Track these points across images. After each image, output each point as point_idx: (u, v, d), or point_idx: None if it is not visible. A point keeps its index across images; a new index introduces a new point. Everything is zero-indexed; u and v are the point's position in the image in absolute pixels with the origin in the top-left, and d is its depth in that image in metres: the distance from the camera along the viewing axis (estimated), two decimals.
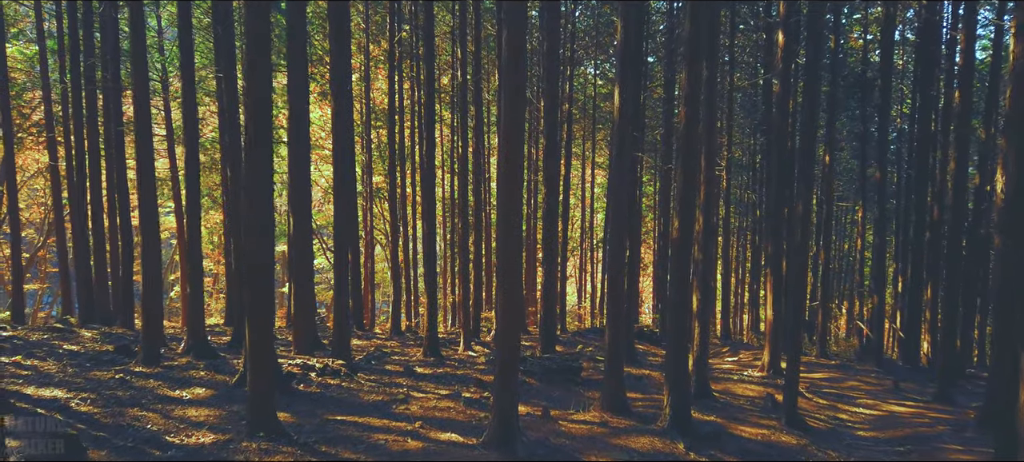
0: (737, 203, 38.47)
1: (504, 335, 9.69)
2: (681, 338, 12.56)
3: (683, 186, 11.89)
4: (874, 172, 32.96)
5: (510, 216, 9.71)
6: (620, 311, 13.53)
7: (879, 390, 19.51)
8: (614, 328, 13.40)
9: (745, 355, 25.05)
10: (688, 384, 13.06)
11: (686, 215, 11.97)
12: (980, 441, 13.41)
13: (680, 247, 12.16)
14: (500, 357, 9.72)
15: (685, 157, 11.94)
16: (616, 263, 13.19)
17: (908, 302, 24.58)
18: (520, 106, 9.32)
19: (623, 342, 13.77)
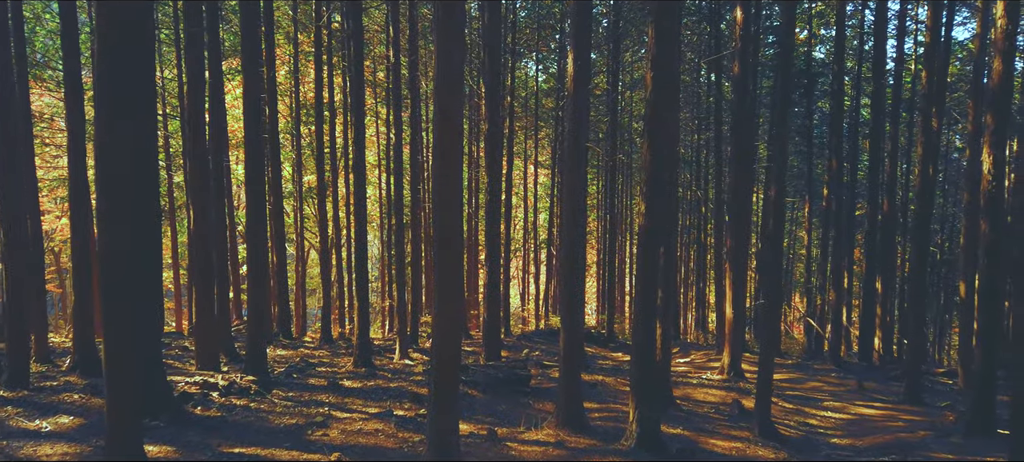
0: (681, 200, 37.06)
1: (442, 348, 7.51)
2: (648, 345, 10.60)
3: (652, 165, 9.92)
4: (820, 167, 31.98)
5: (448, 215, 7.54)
6: (577, 315, 11.50)
7: (843, 391, 17.99)
8: (570, 334, 11.36)
9: (697, 355, 23.38)
10: (656, 397, 11.10)
11: (655, 200, 10.01)
12: (972, 449, 11.83)
13: (648, 237, 10.18)
14: (436, 377, 7.54)
15: (652, 130, 9.97)
16: (571, 262, 11.15)
17: (863, 299, 23.34)
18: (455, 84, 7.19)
19: (578, 350, 11.70)
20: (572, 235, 10.88)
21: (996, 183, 12.17)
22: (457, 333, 7.68)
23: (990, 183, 12.17)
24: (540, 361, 20.82)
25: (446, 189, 7.31)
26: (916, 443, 12.53)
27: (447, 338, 7.49)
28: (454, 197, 7.40)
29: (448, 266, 7.36)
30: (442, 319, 7.53)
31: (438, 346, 7.56)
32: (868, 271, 23.53)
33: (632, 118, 33.41)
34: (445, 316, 7.45)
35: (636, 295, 10.59)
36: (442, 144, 7.18)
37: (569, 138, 10.83)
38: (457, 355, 7.72)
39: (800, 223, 35.13)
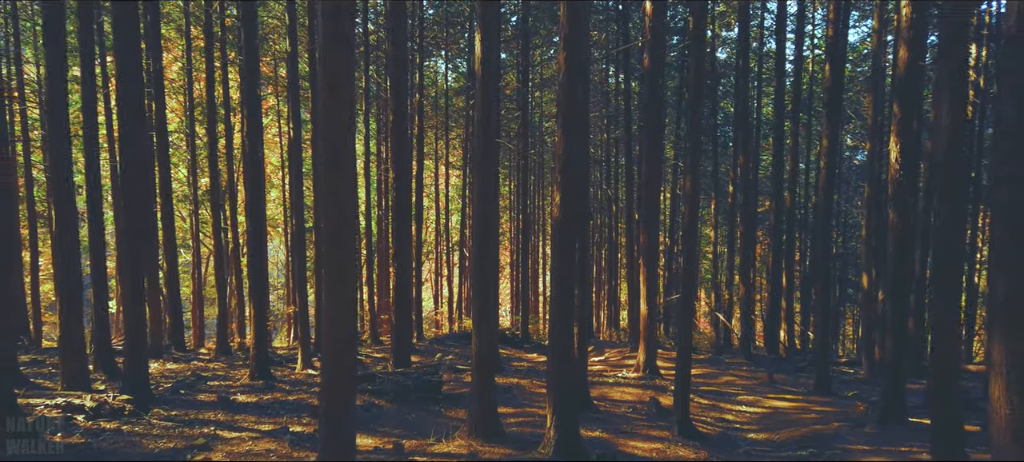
0: (592, 200, 36.83)
1: (333, 356, 6.43)
2: (566, 346, 9.78)
3: (567, 151, 9.12)
4: (724, 166, 32.33)
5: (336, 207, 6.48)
6: (489, 317, 10.57)
7: (755, 384, 17.79)
8: (482, 337, 10.42)
9: (611, 354, 22.91)
10: (574, 401, 10.30)
11: (571, 189, 9.21)
12: (886, 438, 11.60)
13: (564, 229, 9.37)
14: (328, 390, 6.44)
15: (566, 115, 9.17)
16: (482, 258, 10.21)
17: (769, 292, 23.45)
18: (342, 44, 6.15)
19: (492, 354, 10.78)
20: (483, 229, 9.96)
21: (904, 173, 12.02)
22: (351, 340, 6.61)
23: (898, 172, 12.02)
24: (453, 365, 19.84)
25: (336, 177, 6.24)
26: (831, 435, 12.24)
27: (339, 345, 6.41)
28: (345, 188, 6.33)
29: (338, 265, 6.28)
30: (333, 324, 6.45)
31: (329, 354, 6.47)
32: (774, 265, 23.67)
33: (543, 117, 32.87)
34: (336, 321, 6.37)
35: (552, 292, 9.77)
36: (327, 113, 6.10)
37: (478, 128, 9.91)
38: (351, 363, 6.65)
39: (706, 221, 35.47)
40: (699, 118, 11.20)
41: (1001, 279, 6.98)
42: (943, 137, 8.38)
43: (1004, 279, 6.95)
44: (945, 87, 8.56)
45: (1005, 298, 6.90)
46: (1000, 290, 6.97)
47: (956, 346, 8.56)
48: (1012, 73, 6.77)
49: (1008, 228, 6.87)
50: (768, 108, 31.72)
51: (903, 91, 11.92)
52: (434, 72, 35.64)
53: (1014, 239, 6.86)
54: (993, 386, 7.04)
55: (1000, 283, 6.99)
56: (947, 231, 8.33)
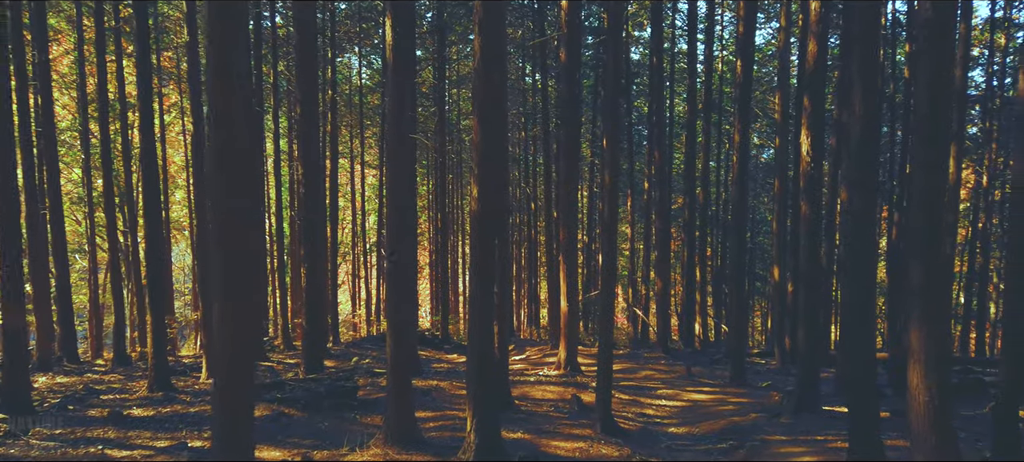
0: (511, 199, 36.54)
1: (225, 365, 5.72)
2: (486, 346, 9.29)
3: (484, 143, 8.63)
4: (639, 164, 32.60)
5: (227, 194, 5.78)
6: (405, 318, 9.97)
7: (674, 377, 17.80)
8: (398, 338, 9.80)
9: (533, 352, 22.60)
10: (495, 402, 9.83)
11: (489, 182, 8.72)
12: (803, 428, 11.65)
13: (483, 224, 8.88)
14: (219, 404, 5.73)
15: (484, 110, 8.68)
16: (397, 254, 9.60)
17: (684, 287, 23.69)
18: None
19: (408, 356, 10.21)
20: (397, 225, 9.35)
21: (815, 165, 12.12)
22: (246, 349, 5.92)
23: (809, 165, 12.11)
24: (371, 369, 19.08)
25: (228, 158, 5.54)
26: (750, 426, 12.22)
27: (234, 354, 5.71)
28: (239, 177, 5.64)
29: (234, 262, 5.59)
30: (227, 329, 5.74)
31: (221, 360, 5.76)
32: (688, 261, 23.93)
33: (461, 115, 32.34)
34: (230, 324, 5.67)
35: (471, 289, 9.26)
36: (215, 99, 5.41)
37: (391, 119, 9.29)
38: (246, 370, 5.95)
39: (623, 219, 35.75)
40: (618, 107, 10.93)
41: (917, 266, 6.93)
42: (857, 126, 8.34)
43: (920, 266, 6.90)
44: (858, 77, 8.53)
45: (922, 285, 6.85)
46: (916, 277, 6.92)
47: (872, 334, 8.55)
48: (927, 58, 6.71)
49: (924, 215, 6.82)
50: (681, 107, 32.20)
51: (813, 84, 12.02)
52: (348, 69, 34.56)
53: (930, 225, 6.81)
54: (912, 373, 6.98)
55: (916, 270, 6.94)
56: (862, 219, 8.30)
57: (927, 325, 6.76)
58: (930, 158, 6.75)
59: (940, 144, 6.74)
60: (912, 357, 6.95)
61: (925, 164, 6.79)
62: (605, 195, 11.22)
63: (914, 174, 6.94)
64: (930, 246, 6.77)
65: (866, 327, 8.48)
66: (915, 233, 6.93)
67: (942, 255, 6.92)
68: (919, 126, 6.90)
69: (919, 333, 6.85)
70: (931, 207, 6.73)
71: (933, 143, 6.71)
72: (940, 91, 6.71)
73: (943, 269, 7.01)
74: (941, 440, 6.80)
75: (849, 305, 8.50)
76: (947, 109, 6.96)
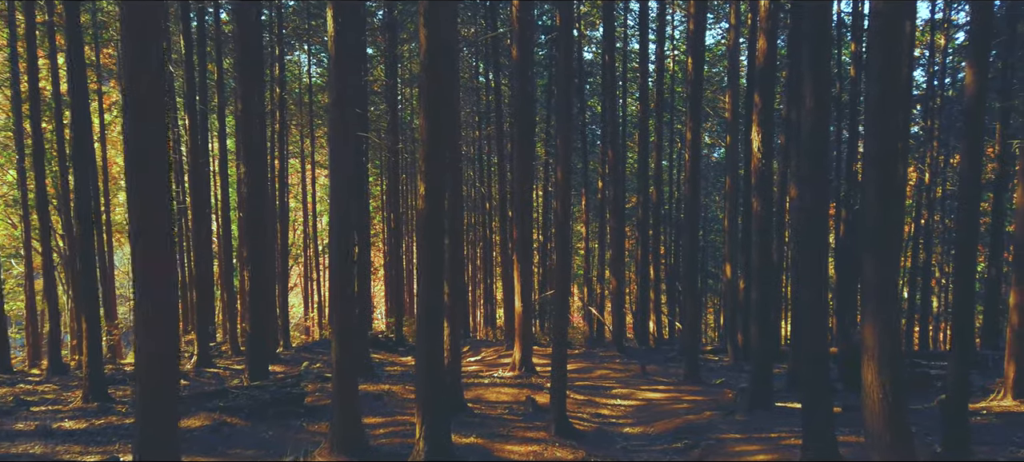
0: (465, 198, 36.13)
1: (145, 369, 5.23)
2: (435, 348, 8.92)
3: (431, 138, 8.25)
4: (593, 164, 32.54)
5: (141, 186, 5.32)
6: (350, 318, 9.52)
7: (629, 376, 17.66)
8: (343, 341, 9.35)
9: (488, 353, 22.25)
10: (445, 406, 9.46)
11: (437, 180, 8.34)
12: (757, 425, 11.54)
13: (431, 224, 8.50)
14: (140, 413, 5.24)
15: (430, 103, 8.30)
16: (342, 251, 9.15)
17: (639, 285, 23.62)
18: None
19: (354, 358, 9.77)
20: (341, 222, 8.90)
21: (766, 162, 12.05)
22: (169, 351, 5.43)
23: (760, 161, 12.03)
24: (321, 374, 18.50)
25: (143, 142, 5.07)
26: (705, 425, 12.08)
27: (154, 356, 5.23)
28: (153, 168, 5.17)
29: (149, 260, 5.11)
30: (146, 330, 5.26)
31: (141, 368, 5.28)
32: (642, 259, 23.88)
33: (413, 114, 31.79)
34: (150, 326, 5.19)
35: (420, 289, 8.88)
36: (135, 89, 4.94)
37: (333, 110, 8.84)
38: (169, 376, 5.47)
39: (577, 218, 35.65)
40: (570, 101, 10.67)
41: (871, 261, 6.80)
42: (808, 120, 8.21)
43: (873, 261, 6.77)
44: (809, 70, 8.41)
45: (876, 280, 6.71)
46: (870, 272, 6.78)
47: (824, 330, 8.44)
48: (878, 49, 6.57)
49: (878, 209, 6.69)
50: (634, 107, 32.23)
51: (763, 81, 11.94)
52: (298, 67, 33.72)
53: (884, 220, 6.68)
54: (866, 369, 6.84)
55: (870, 265, 6.80)
56: (813, 214, 8.17)
57: (881, 321, 6.63)
58: (883, 148, 6.62)
59: (891, 136, 6.61)
60: (866, 353, 6.81)
61: (877, 157, 6.66)
62: (558, 192, 10.94)
63: (866, 168, 6.80)
64: (884, 241, 6.64)
65: (818, 324, 8.36)
66: (868, 228, 6.80)
67: (896, 250, 6.79)
68: (871, 119, 6.77)
69: (873, 329, 6.72)
70: (885, 201, 6.60)
71: (883, 134, 6.57)
72: (890, 84, 6.58)
73: (896, 264, 6.89)
74: (896, 437, 6.67)
75: (801, 302, 8.36)
76: (896, 101, 6.84)
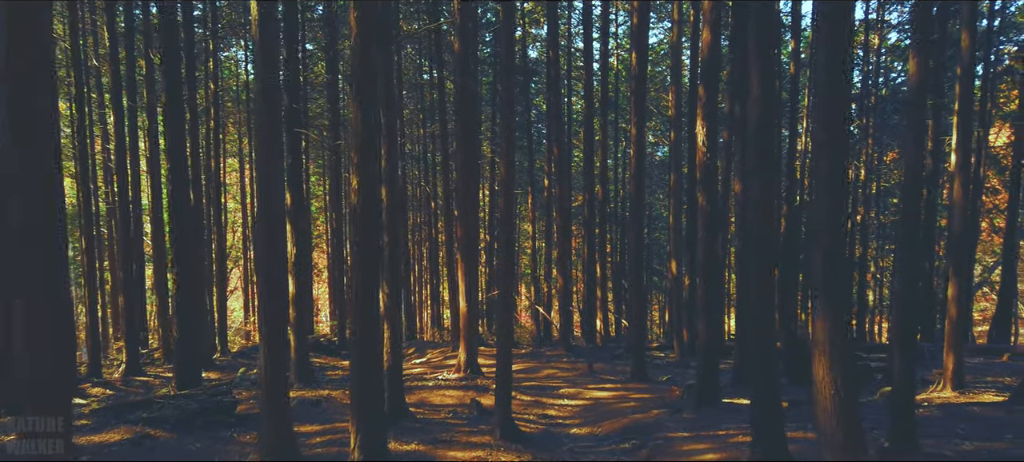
0: (410, 198, 35.39)
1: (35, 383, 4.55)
2: (371, 352, 8.35)
3: (365, 127, 7.68)
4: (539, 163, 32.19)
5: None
6: (280, 319, 8.87)
7: (576, 375, 17.32)
8: (272, 343, 8.70)
9: (433, 354, 21.64)
10: (382, 413, 8.90)
11: (368, 170, 7.78)
12: (704, 423, 11.30)
13: (366, 221, 7.93)
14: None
15: (362, 91, 7.74)
16: (271, 256, 8.50)
17: (585, 283, 23.36)
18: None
19: (287, 362, 9.12)
20: (269, 217, 8.25)
21: (711, 155, 11.83)
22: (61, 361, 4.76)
23: (705, 155, 11.80)
24: (257, 381, 17.65)
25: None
26: (652, 423, 11.79)
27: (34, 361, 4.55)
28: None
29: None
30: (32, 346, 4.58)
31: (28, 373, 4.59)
32: (589, 257, 23.63)
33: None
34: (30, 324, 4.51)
35: (355, 290, 8.29)
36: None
37: (259, 101, 8.19)
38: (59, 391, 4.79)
39: (524, 217, 35.32)
40: (512, 91, 10.22)
41: (821, 254, 6.53)
42: (755, 110, 7.93)
43: (824, 253, 6.50)
44: (755, 58, 8.14)
45: (826, 274, 6.45)
46: (820, 265, 6.51)
47: (773, 325, 8.19)
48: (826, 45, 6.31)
49: (828, 199, 6.42)
50: (579, 105, 32.05)
51: (708, 73, 11.71)
52: (235, 63, 32.49)
53: (833, 211, 6.42)
54: (817, 365, 6.57)
55: (820, 258, 6.54)
56: (762, 206, 7.89)
57: (832, 315, 6.37)
58: (830, 137, 6.35)
59: (839, 124, 6.35)
60: (817, 349, 6.54)
61: (825, 146, 6.39)
62: (502, 187, 10.47)
63: (816, 160, 6.53)
64: (835, 233, 6.38)
65: (766, 319, 8.10)
66: (818, 219, 6.53)
67: (845, 243, 6.54)
68: (818, 109, 6.50)
69: (824, 324, 6.45)
70: (833, 191, 6.33)
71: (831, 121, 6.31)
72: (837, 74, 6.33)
73: (845, 257, 6.63)
74: (848, 435, 6.42)
75: (749, 296, 8.08)
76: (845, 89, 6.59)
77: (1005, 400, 11.39)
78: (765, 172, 7.94)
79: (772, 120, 8.00)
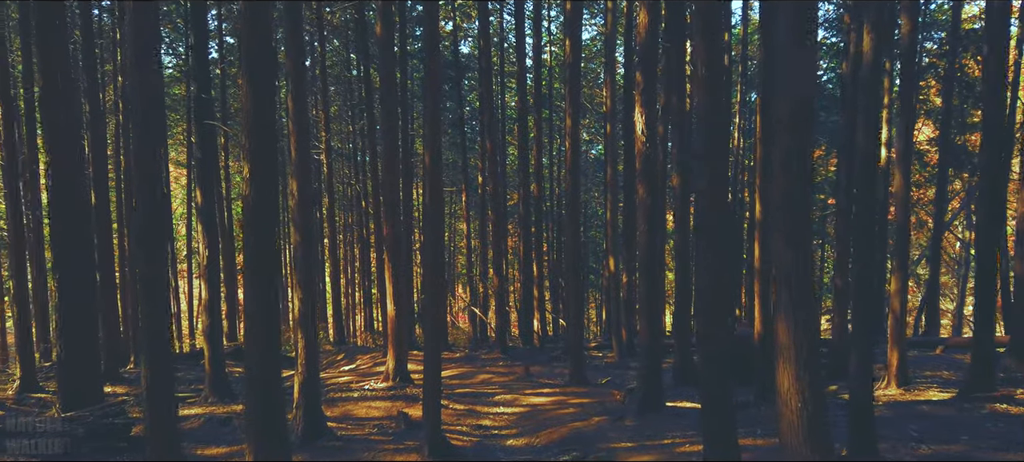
0: (340, 197, 33.74)
1: None
2: (268, 367, 7.08)
3: (256, 108, 6.43)
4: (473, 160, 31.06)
5: None
6: (159, 324, 7.50)
7: (513, 380, 16.27)
8: (155, 354, 7.34)
9: (363, 361, 20.23)
10: (284, 434, 7.64)
11: (264, 160, 6.54)
12: (650, 431, 10.40)
13: (258, 210, 6.67)
14: None
15: (252, 66, 6.48)
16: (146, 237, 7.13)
17: (522, 282, 22.38)
18: None
19: (171, 378, 7.81)
20: (148, 195, 6.89)
21: (651, 145, 10.95)
22: None
23: (644, 145, 10.91)
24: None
25: None
26: (594, 432, 10.82)
27: None
28: None
29: None
30: None
31: None
32: (525, 256, 22.64)
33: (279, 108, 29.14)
34: None
35: (246, 296, 7.01)
36: None
37: (134, 72, 6.81)
38: None
39: (459, 216, 34.15)
40: (437, 70, 9.09)
41: (784, 245, 5.64)
42: (700, 90, 7.05)
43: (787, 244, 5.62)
44: (699, 36, 7.24)
45: (791, 268, 5.56)
46: (784, 258, 5.62)
47: (725, 323, 7.32)
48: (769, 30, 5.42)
49: (790, 182, 5.54)
50: (513, 102, 31.10)
51: (645, 58, 10.82)
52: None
53: (800, 194, 5.54)
54: (782, 373, 5.67)
55: (783, 250, 5.65)
56: (711, 194, 7.00)
57: (800, 316, 5.49)
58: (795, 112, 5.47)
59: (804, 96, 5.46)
60: (781, 355, 5.65)
61: (789, 122, 5.50)
62: (426, 177, 9.32)
63: (778, 135, 5.63)
64: (799, 220, 5.49)
65: (718, 316, 7.21)
66: (779, 206, 5.64)
67: (810, 231, 5.67)
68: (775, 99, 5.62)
69: (788, 326, 5.56)
70: (800, 172, 5.45)
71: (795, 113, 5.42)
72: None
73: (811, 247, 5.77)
74: (815, 450, 5.54)
75: (703, 292, 7.21)
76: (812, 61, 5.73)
77: (953, 397, 10.89)
78: (715, 157, 7.05)
79: (719, 101, 7.11)
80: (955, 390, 11.55)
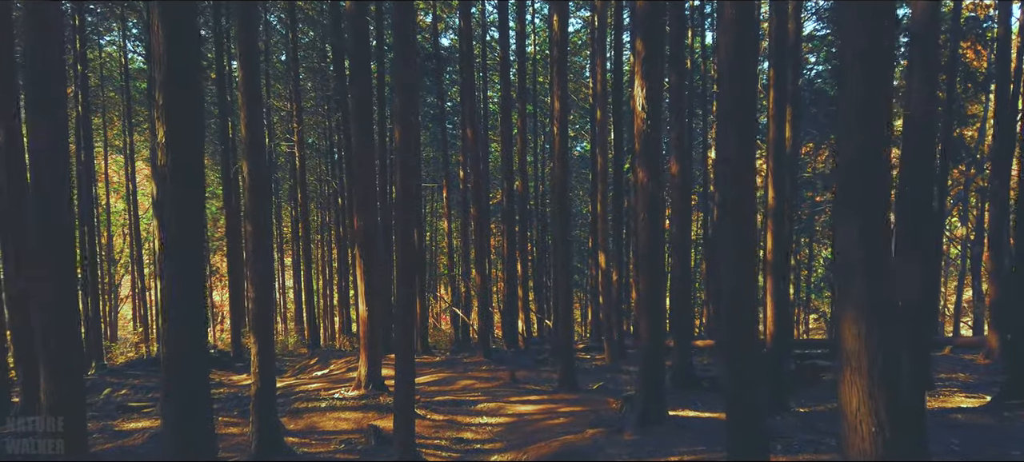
0: (316, 194, 32.12)
1: None
2: (194, 384, 5.61)
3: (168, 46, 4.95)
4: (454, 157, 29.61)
5: None
6: (72, 342, 6.00)
7: (497, 386, 14.81)
8: (53, 370, 5.83)
9: (337, 365, 18.68)
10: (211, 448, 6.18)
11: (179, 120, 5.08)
12: (652, 446, 9.01)
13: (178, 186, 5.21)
14: None
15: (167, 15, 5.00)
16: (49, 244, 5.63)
17: (506, 282, 20.96)
18: None
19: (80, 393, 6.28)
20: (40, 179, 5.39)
21: (652, 123, 9.58)
22: None
23: (645, 123, 9.55)
24: (124, 403, 14.60)
25: None
26: (588, 448, 9.41)
27: None
28: None
29: None
30: None
31: None
32: (509, 254, 21.23)
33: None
34: None
35: (164, 296, 5.52)
36: None
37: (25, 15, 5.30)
38: None
39: (440, 214, 32.65)
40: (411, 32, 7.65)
41: (854, 225, 4.28)
42: (728, 35, 5.69)
43: (860, 226, 4.26)
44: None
45: (864, 254, 4.19)
46: (854, 243, 4.26)
47: (754, 320, 5.96)
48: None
49: (867, 154, 4.18)
50: (496, 97, 29.69)
51: (649, 22, 9.43)
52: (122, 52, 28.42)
53: (870, 152, 4.18)
54: (848, 390, 4.30)
55: (853, 232, 4.29)
56: (739, 166, 5.65)
57: (875, 318, 4.11)
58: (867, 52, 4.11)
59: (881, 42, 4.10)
60: (848, 366, 4.28)
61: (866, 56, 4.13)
62: (399, 155, 7.86)
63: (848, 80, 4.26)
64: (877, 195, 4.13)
65: (746, 313, 5.85)
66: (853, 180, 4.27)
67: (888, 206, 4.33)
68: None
69: (859, 328, 4.19)
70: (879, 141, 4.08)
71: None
72: None
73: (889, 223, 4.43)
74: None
75: (726, 284, 5.82)
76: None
77: (987, 404, 9.64)
78: (742, 119, 5.70)
79: (749, 48, 5.75)
80: (982, 395, 10.35)
